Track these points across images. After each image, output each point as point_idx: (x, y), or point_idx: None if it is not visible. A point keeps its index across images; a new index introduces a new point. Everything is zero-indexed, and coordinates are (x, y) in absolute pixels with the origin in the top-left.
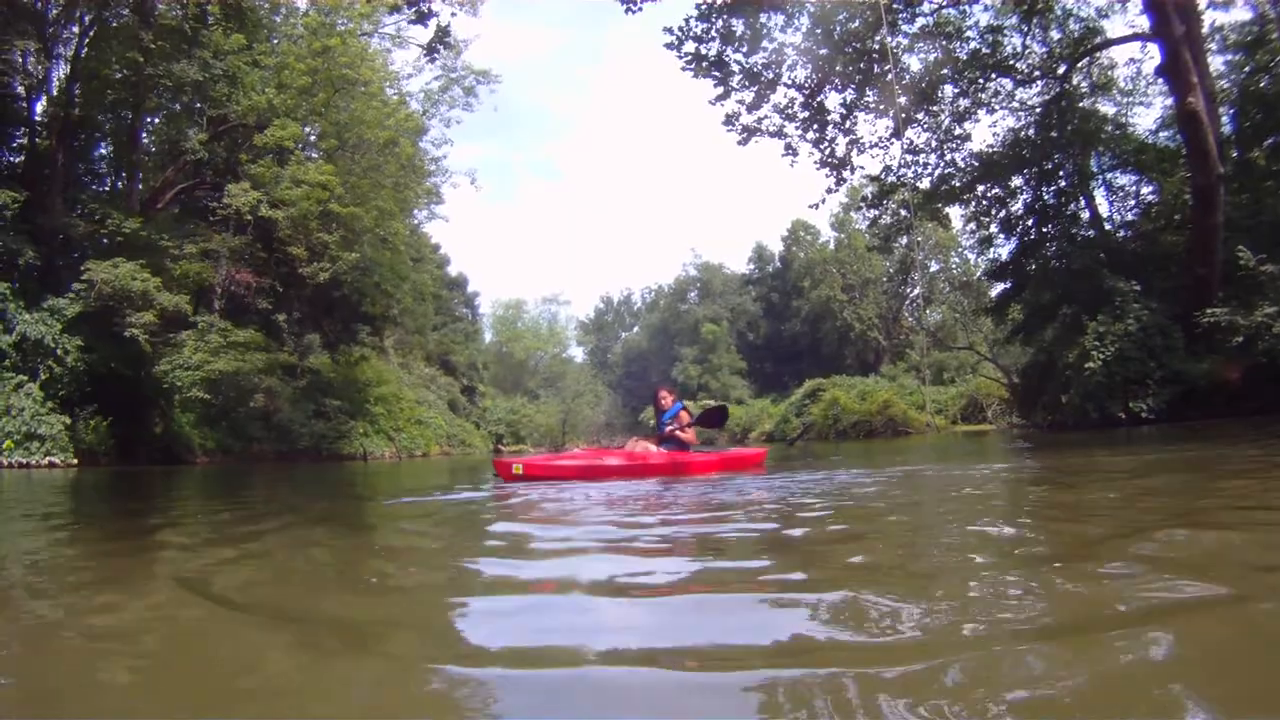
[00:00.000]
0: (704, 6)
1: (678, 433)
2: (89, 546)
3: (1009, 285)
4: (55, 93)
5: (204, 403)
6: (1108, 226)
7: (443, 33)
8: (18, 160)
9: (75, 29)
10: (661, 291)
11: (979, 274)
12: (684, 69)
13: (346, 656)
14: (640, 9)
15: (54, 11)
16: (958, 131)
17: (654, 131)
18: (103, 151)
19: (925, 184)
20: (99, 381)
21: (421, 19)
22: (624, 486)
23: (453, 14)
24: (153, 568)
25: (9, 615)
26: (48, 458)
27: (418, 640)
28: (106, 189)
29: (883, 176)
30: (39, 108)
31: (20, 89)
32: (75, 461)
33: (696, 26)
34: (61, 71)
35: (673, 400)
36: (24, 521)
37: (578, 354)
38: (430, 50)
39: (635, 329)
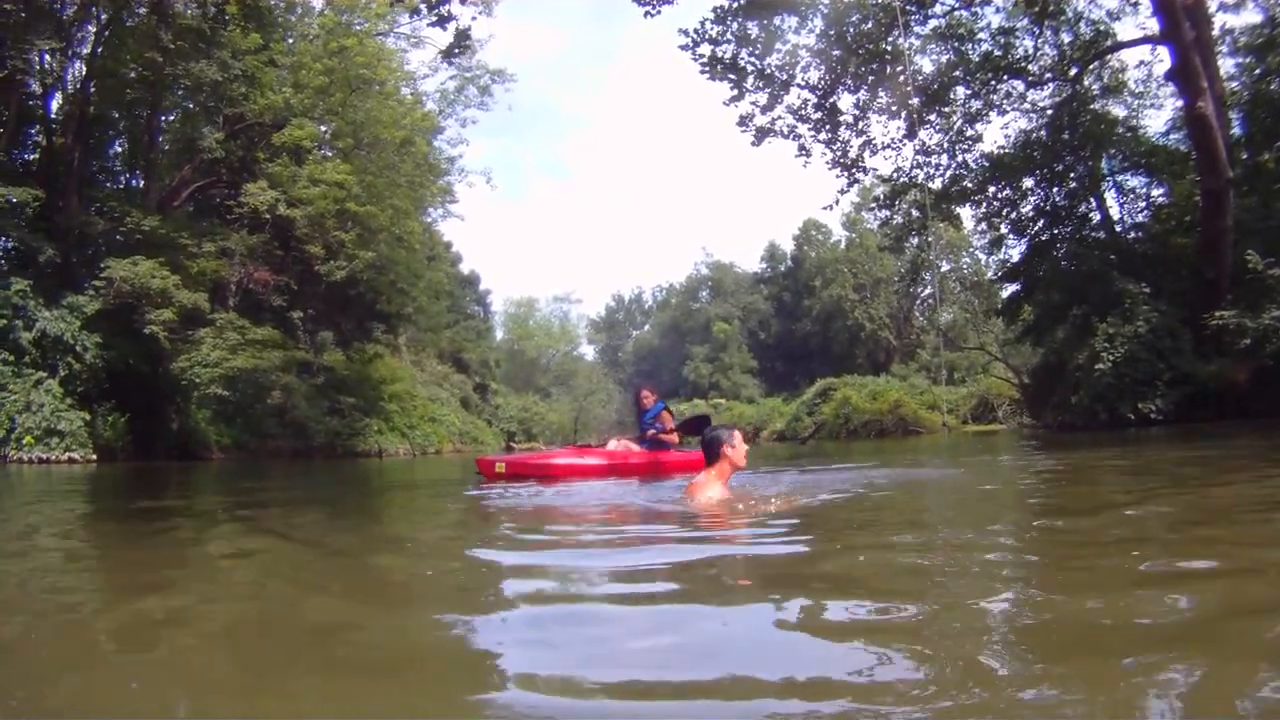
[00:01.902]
0: (720, 10)
1: (662, 436)
2: (114, 543)
3: (1020, 286)
4: (71, 90)
5: (220, 399)
6: (1118, 228)
7: (462, 36)
8: (32, 158)
9: (91, 27)
10: (673, 290)
11: (990, 274)
12: (701, 72)
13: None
14: (659, 12)
15: (70, 11)
16: (969, 133)
17: (665, 130)
18: (117, 149)
19: (937, 184)
20: (117, 378)
21: (441, 22)
22: (607, 487)
23: (473, 18)
24: (173, 566)
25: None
26: (67, 453)
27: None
28: (120, 187)
29: (895, 177)
30: (54, 105)
31: (36, 87)
32: (94, 457)
33: (712, 29)
34: (77, 69)
35: (654, 400)
36: (49, 517)
37: (588, 352)
38: (449, 54)
39: (646, 327)
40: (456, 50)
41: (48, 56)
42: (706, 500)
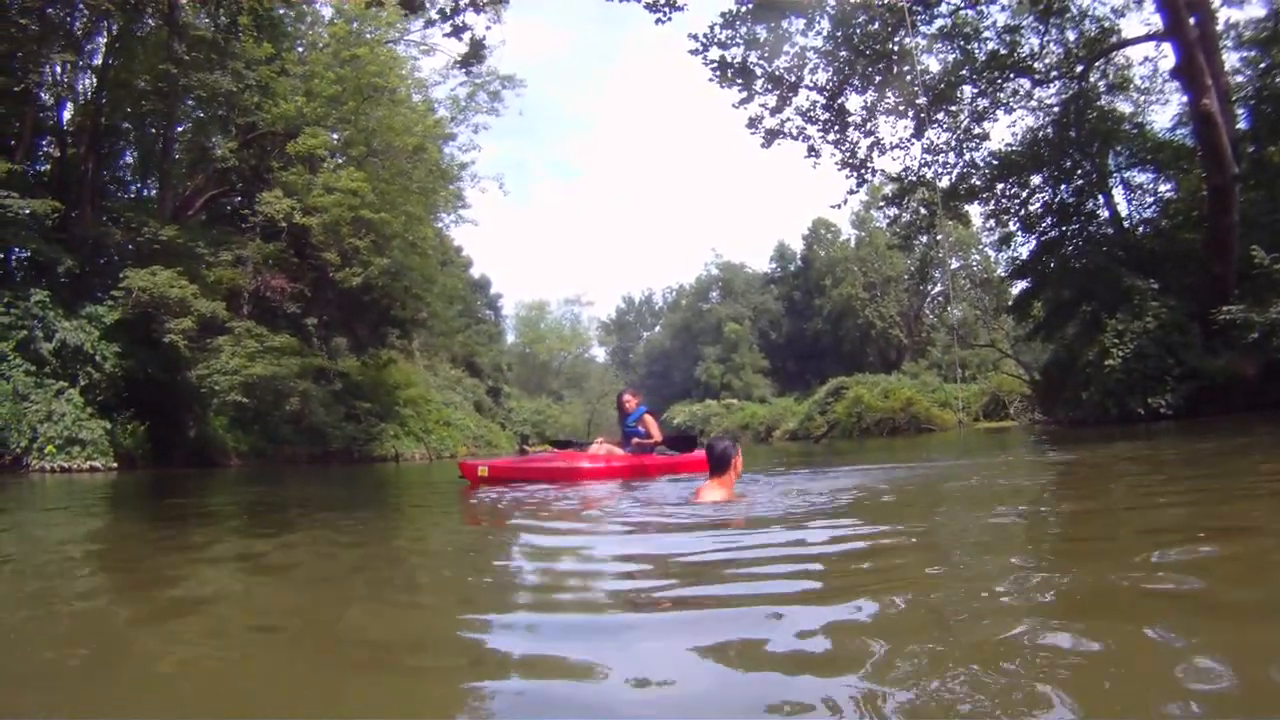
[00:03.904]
0: (728, 14)
1: (645, 441)
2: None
3: (1029, 283)
4: (83, 101)
5: (238, 406)
6: (1126, 224)
7: (478, 45)
8: (44, 169)
9: (101, 39)
10: (683, 291)
11: (999, 271)
12: (711, 79)
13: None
14: (670, 18)
15: (79, 23)
16: (976, 131)
17: (673, 130)
18: (128, 159)
19: (945, 183)
20: (135, 386)
21: (457, 32)
22: (598, 489)
23: (487, 27)
24: (198, 565)
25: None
26: (89, 462)
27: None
28: (131, 196)
29: (903, 175)
30: (65, 115)
31: (48, 98)
32: (115, 465)
33: (721, 33)
34: (88, 80)
35: (636, 404)
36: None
37: (600, 354)
38: (466, 63)
39: (657, 329)
40: (473, 60)
41: (58, 68)
42: (716, 501)
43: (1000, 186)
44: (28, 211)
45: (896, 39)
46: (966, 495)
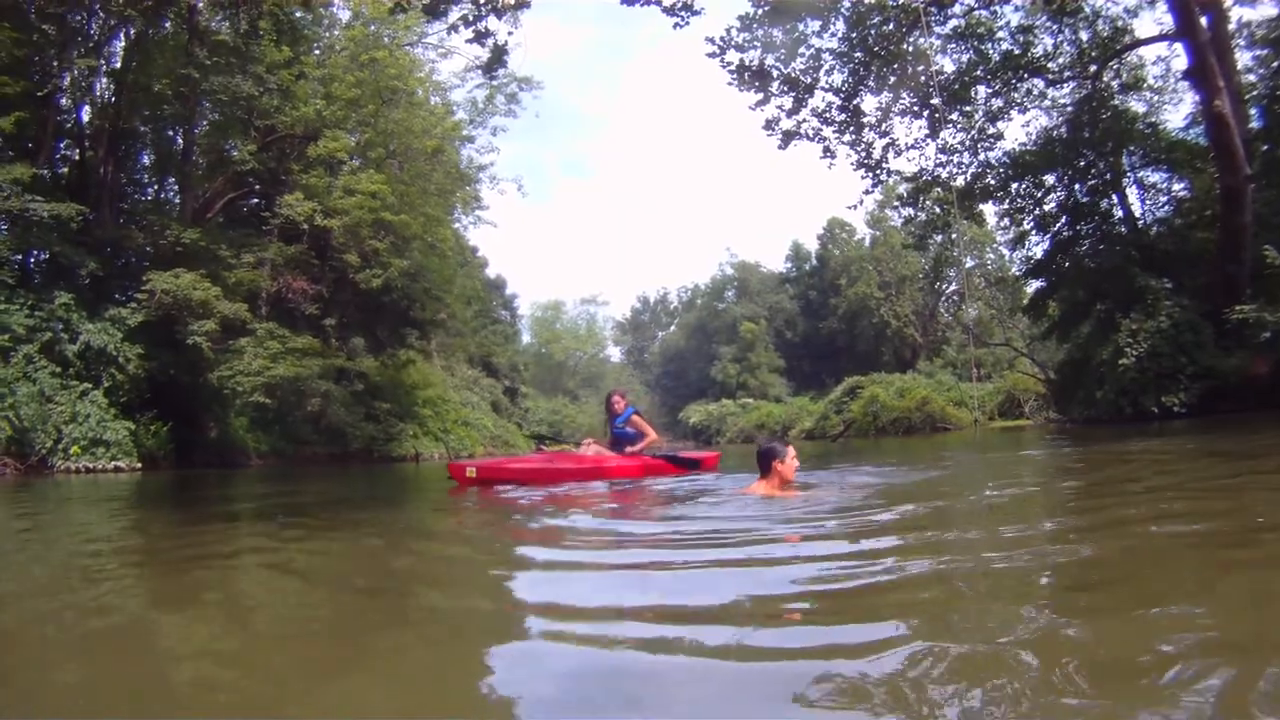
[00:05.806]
0: (745, 17)
1: (630, 448)
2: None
3: (1044, 283)
4: (101, 105)
5: (259, 406)
6: (1140, 224)
7: (500, 51)
8: (63, 172)
9: (119, 43)
10: (698, 290)
11: (1014, 270)
12: (729, 82)
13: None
14: (688, 22)
15: (96, 26)
16: (991, 131)
17: (688, 129)
18: (145, 162)
19: (960, 182)
20: (158, 387)
21: (480, 38)
22: (593, 488)
23: (509, 33)
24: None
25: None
26: (113, 462)
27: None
28: (149, 198)
29: (918, 175)
30: (84, 117)
31: (66, 101)
32: (139, 465)
33: (738, 36)
34: (104, 83)
35: (625, 405)
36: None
37: (615, 354)
38: (490, 68)
39: (672, 328)
40: (495, 66)
41: (75, 70)
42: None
43: (1015, 186)
44: (46, 214)
45: (911, 40)
46: (989, 495)
